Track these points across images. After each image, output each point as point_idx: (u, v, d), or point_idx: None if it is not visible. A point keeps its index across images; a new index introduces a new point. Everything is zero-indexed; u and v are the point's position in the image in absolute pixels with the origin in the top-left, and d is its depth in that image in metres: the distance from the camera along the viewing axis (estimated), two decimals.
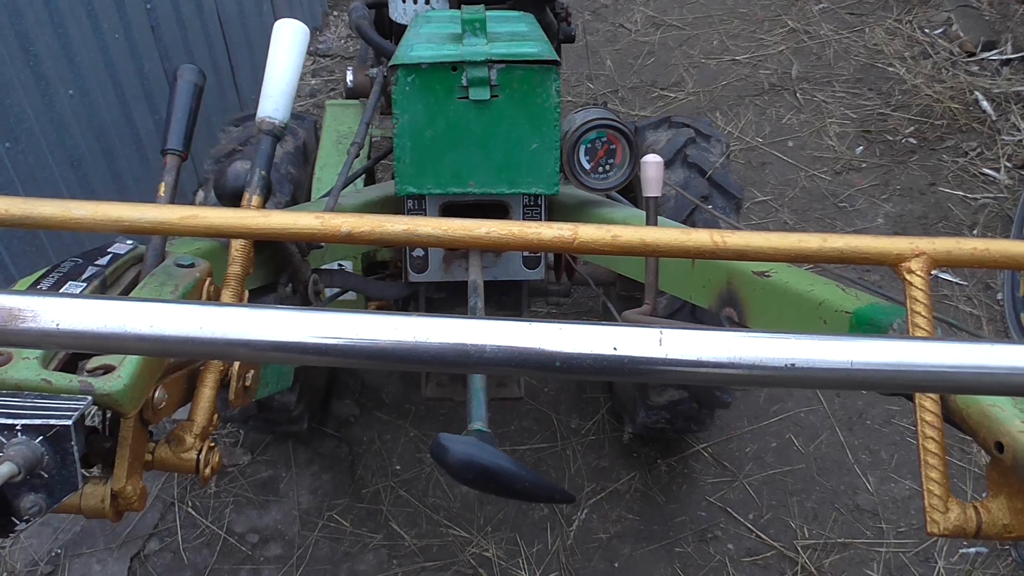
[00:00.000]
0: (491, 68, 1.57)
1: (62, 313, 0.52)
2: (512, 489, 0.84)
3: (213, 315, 0.53)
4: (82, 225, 0.74)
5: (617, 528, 2.69)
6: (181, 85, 1.27)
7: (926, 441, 0.74)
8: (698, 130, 2.34)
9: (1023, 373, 0.52)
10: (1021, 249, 0.77)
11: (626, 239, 0.74)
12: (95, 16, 2.98)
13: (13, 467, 0.57)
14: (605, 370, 0.53)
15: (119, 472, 0.74)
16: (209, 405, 0.90)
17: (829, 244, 0.76)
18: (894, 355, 0.54)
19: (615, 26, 5.27)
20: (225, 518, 2.69)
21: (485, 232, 0.74)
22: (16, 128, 2.65)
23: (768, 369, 0.53)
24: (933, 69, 4.65)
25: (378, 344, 0.52)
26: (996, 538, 0.73)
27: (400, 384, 3.09)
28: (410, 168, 1.65)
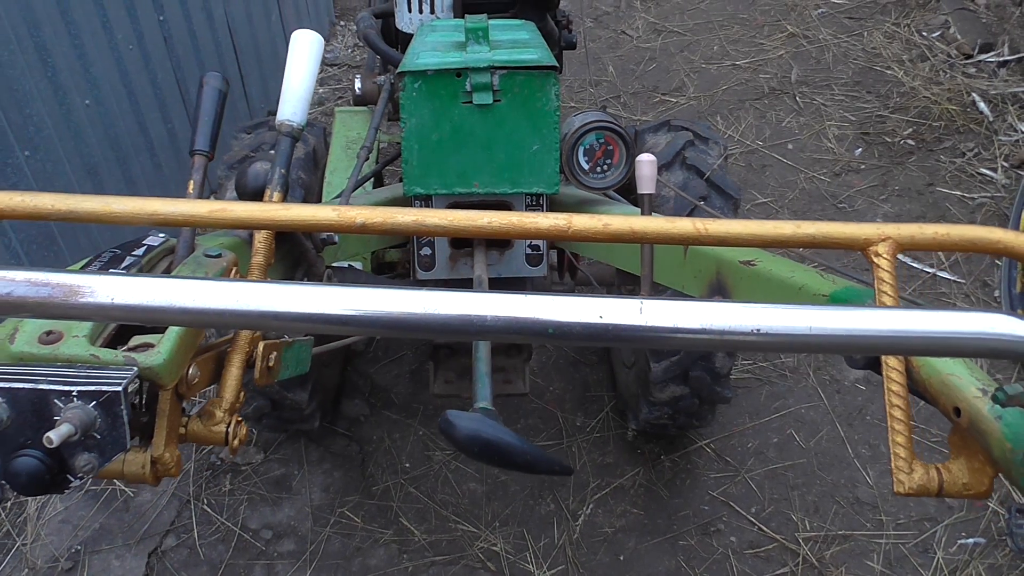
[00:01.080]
0: (493, 74, 1.64)
1: (116, 289, 0.59)
2: (515, 462, 0.91)
3: (247, 291, 0.60)
4: (121, 219, 0.81)
5: (622, 522, 2.75)
6: (207, 91, 1.35)
7: (892, 409, 0.81)
8: (696, 133, 2.40)
9: (952, 336, 0.59)
10: (978, 233, 0.84)
11: (616, 227, 0.81)
12: (110, 28, 3.07)
13: (71, 428, 0.64)
14: (592, 336, 0.60)
15: (158, 440, 0.81)
16: (236, 383, 0.97)
17: (802, 230, 0.83)
18: (846, 322, 0.61)
19: (617, 33, 5.35)
20: (240, 515, 2.76)
21: (487, 222, 0.81)
22: (35, 137, 2.74)
23: (737, 334, 0.60)
24: (931, 71, 4.72)
25: (393, 315, 0.60)
26: (956, 496, 0.80)
27: (409, 384, 3.16)
28: (417, 170, 1.73)
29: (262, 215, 0.82)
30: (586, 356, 3.26)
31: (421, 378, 3.18)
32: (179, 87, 3.58)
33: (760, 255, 1.39)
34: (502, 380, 2.25)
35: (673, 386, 2.48)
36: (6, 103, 2.60)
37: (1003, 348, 0.64)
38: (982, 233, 0.84)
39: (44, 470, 0.66)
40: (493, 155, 1.70)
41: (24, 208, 0.81)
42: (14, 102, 2.64)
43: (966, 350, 0.65)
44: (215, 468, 2.89)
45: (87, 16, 2.95)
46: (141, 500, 2.80)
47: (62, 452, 0.66)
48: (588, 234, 0.81)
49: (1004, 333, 0.64)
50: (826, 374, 3.17)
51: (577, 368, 3.22)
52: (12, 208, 0.81)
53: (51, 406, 0.66)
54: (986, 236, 0.84)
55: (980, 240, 0.84)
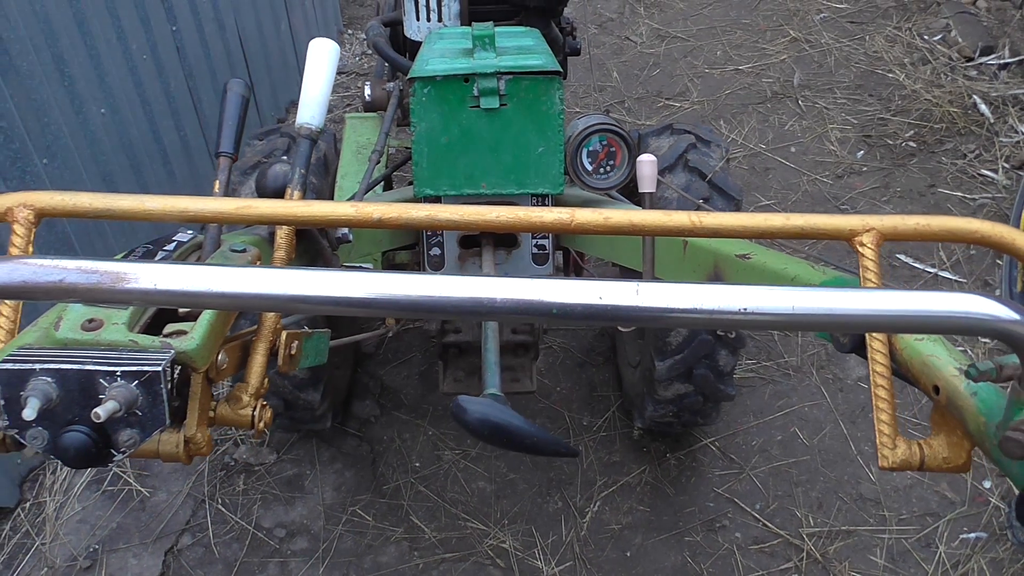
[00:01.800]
0: (500, 79, 1.70)
1: (159, 276, 0.65)
2: (522, 443, 0.97)
3: (276, 277, 0.66)
4: (154, 216, 0.87)
5: (629, 519, 2.80)
6: (230, 97, 1.42)
7: (877, 389, 0.86)
8: (698, 136, 2.45)
9: (926, 314, 0.65)
10: (956, 223, 0.89)
11: (616, 220, 0.87)
12: (124, 38, 3.14)
13: (116, 404, 0.70)
14: (592, 315, 0.66)
15: (190, 421, 0.87)
16: (261, 370, 1.03)
17: (791, 222, 0.89)
18: (826, 302, 0.66)
19: (621, 39, 5.41)
20: (253, 514, 2.82)
21: (495, 216, 0.86)
22: (53, 145, 2.80)
23: (725, 314, 0.66)
24: (932, 74, 4.76)
25: (411, 298, 0.65)
26: (937, 470, 0.85)
27: (418, 385, 3.22)
28: (427, 171, 1.79)
29: (285, 211, 0.87)
30: (592, 357, 3.31)
31: (430, 379, 3.23)
32: (191, 96, 3.65)
33: (755, 249, 1.45)
34: (510, 379, 2.31)
35: (678, 384, 2.53)
36: (25, 112, 2.67)
37: (974, 326, 0.70)
38: (960, 223, 0.90)
39: (91, 444, 0.72)
40: (500, 157, 1.76)
41: (64, 206, 0.87)
42: (33, 111, 2.70)
43: (939, 327, 0.70)
44: (229, 468, 2.95)
45: (103, 27, 3.02)
46: (157, 500, 2.86)
47: (106, 428, 0.72)
48: (590, 227, 0.87)
49: (975, 312, 0.69)
50: (829, 373, 3.21)
51: (584, 368, 3.27)
52: (53, 206, 0.87)
53: (97, 385, 0.72)
54: (964, 226, 0.89)
55: (958, 230, 0.89)
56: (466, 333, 2.26)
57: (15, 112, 2.62)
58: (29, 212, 0.87)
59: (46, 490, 2.87)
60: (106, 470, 2.93)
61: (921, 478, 2.87)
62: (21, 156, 2.67)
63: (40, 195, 0.88)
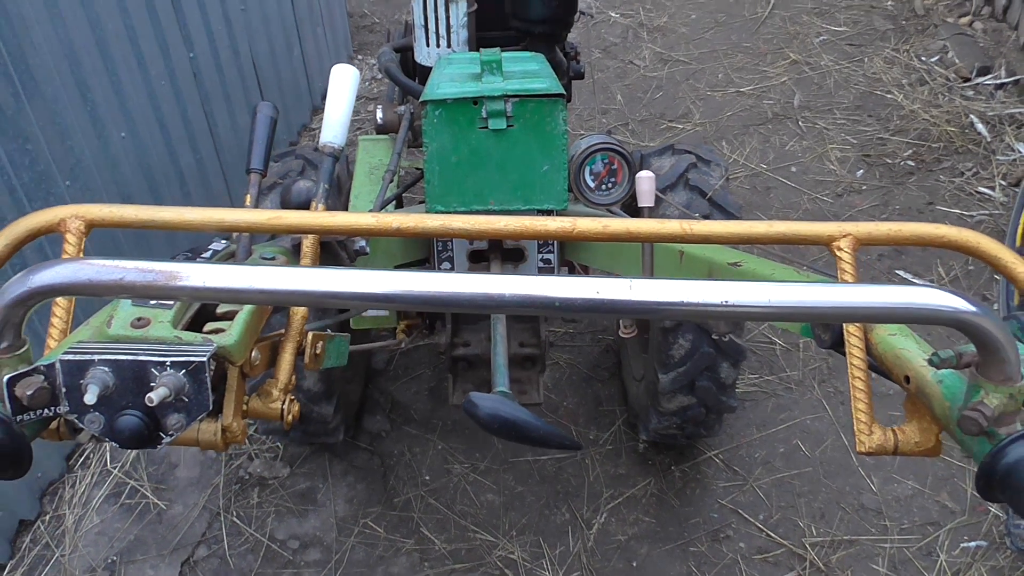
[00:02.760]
0: (507, 102, 1.80)
1: (207, 275, 0.73)
2: (529, 436, 1.04)
3: (311, 275, 0.74)
4: (193, 226, 0.96)
5: (634, 530, 2.86)
6: (260, 118, 1.52)
7: (854, 381, 0.94)
8: (699, 156, 2.54)
9: (888, 306, 0.73)
10: (926, 229, 0.97)
11: (614, 228, 0.96)
12: (144, 65, 3.26)
13: (166, 390, 0.78)
14: (591, 308, 0.74)
15: (227, 411, 0.94)
16: (289, 367, 1.11)
17: (775, 229, 0.97)
18: (798, 295, 0.74)
19: (624, 63, 5.52)
20: (268, 526, 2.89)
21: (503, 225, 0.95)
22: (75, 167, 2.91)
23: (710, 306, 0.74)
24: (930, 95, 4.86)
25: (429, 293, 0.73)
26: (910, 453, 0.92)
27: (428, 400, 3.30)
28: (439, 189, 1.88)
29: (312, 221, 0.96)
30: (598, 372, 3.39)
31: (439, 395, 3.31)
32: (207, 119, 3.76)
33: (746, 258, 1.54)
34: (517, 391, 2.38)
35: (681, 396, 2.60)
36: (50, 136, 2.77)
37: (936, 316, 0.78)
38: (929, 229, 0.98)
39: (143, 427, 0.80)
40: (507, 175, 1.85)
41: (112, 217, 0.96)
42: (57, 135, 2.81)
43: (905, 318, 0.79)
44: (244, 482, 3.02)
45: (124, 54, 3.13)
46: (174, 512, 2.94)
47: (156, 413, 0.81)
48: (590, 234, 0.95)
49: (938, 305, 0.77)
50: (830, 386, 3.28)
51: (590, 383, 3.35)
52: (102, 217, 0.95)
53: (148, 374, 0.80)
54: (933, 231, 0.98)
55: (928, 235, 0.98)
56: (475, 347, 2.34)
57: (40, 135, 2.72)
58: (80, 223, 0.96)
59: (65, 503, 2.95)
60: (124, 484, 3.01)
61: (922, 488, 2.93)
62: (45, 178, 2.77)
63: (90, 207, 0.97)
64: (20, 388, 0.79)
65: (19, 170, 2.66)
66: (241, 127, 4.08)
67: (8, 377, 0.79)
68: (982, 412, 0.79)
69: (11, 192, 2.63)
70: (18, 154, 2.65)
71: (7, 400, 0.79)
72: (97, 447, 3.14)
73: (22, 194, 2.67)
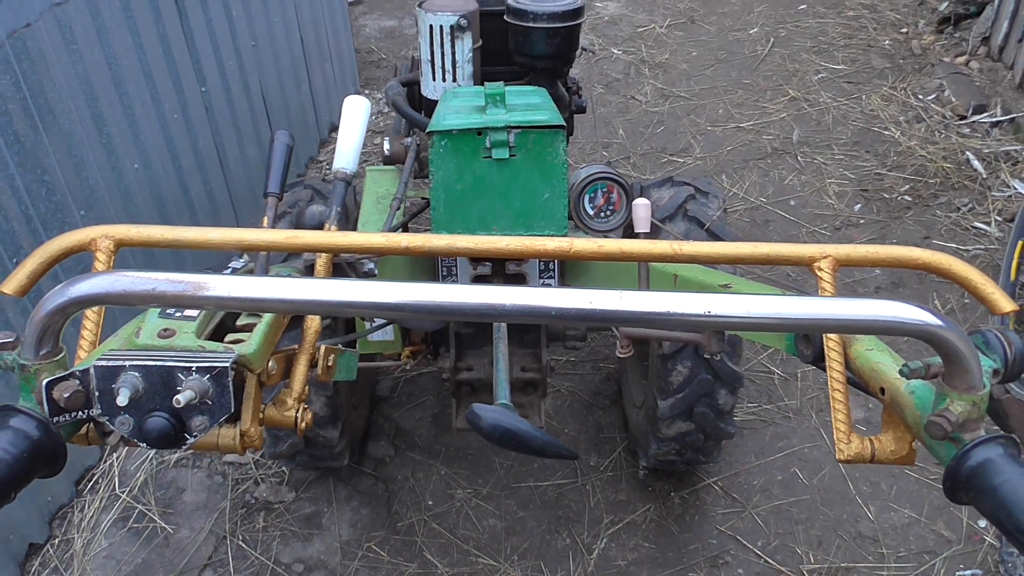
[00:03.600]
0: (509, 133, 1.88)
1: (231, 286, 0.80)
2: (529, 446, 1.10)
3: (326, 286, 0.81)
4: (214, 245, 1.03)
5: (634, 555, 2.90)
6: (277, 145, 1.61)
7: (834, 393, 1.00)
8: (697, 188, 2.61)
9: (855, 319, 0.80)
10: (901, 252, 1.04)
11: (608, 248, 1.02)
12: (158, 98, 3.35)
13: (192, 394, 0.85)
14: (584, 317, 0.80)
15: (245, 416, 1.00)
16: (303, 378, 1.17)
17: (759, 250, 1.04)
18: (775, 308, 0.81)
19: (626, 98, 5.63)
20: (273, 550, 2.93)
21: (505, 245, 1.02)
22: (90, 198, 2.99)
23: (692, 316, 0.80)
24: (927, 132, 4.95)
25: (436, 303, 0.80)
26: (885, 461, 0.98)
27: (431, 427, 3.35)
28: (444, 215, 1.96)
29: (327, 240, 1.03)
30: (599, 400, 3.44)
31: (443, 422, 3.36)
32: (217, 152, 3.86)
33: (736, 280, 1.60)
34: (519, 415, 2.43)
35: (679, 422, 2.65)
36: (66, 167, 2.86)
37: (905, 329, 0.84)
38: (904, 252, 1.05)
39: (170, 428, 0.86)
40: (509, 203, 1.93)
41: (139, 237, 1.03)
42: (73, 166, 2.89)
43: (875, 329, 0.85)
44: (250, 506, 3.07)
45: (138, 89, 3.23)
46: (180, 536, 2.98)
47: (182, 415, 0.87)
48: (586, 254, 1.02)
49: (906, 318, 0.84)
50: (828, 416, 3.30)
51: (591, 411, 3.40)
52: (130, 237, 1.02)
53: (175, 379, 0.87)
54: (907, 254, 1.04)
55: (902, 257, 1.04)
56: (478, 371, 2.40)
57: (57, 167, 2.81)
58: (110, 242, 1.03)
59: (74, 527, 2.99)
60: (132, 508, 3.06)
61: (918, 517, 2.96)
62: (61, 208, 2.85)
63: (119, 228, 1.04)
64: (58, 391, 0.86)
65: (36, 200, 2.74)
66: (250, 159, 4.17)
67: (47, 381, 0.86)
68: (947, 418, 0.85)
69: (28, 221, 2.71)
70: (36, 184, 2.73)
71: (45, 403, 0.86)
72: (106, 472, 3.19)
73: (38, 223, 2.75)
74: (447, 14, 2.37)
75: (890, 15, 6.45)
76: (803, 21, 6.51)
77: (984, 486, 0.82)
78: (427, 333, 2.53)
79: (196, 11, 3.60)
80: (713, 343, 1.30)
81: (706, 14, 6.76)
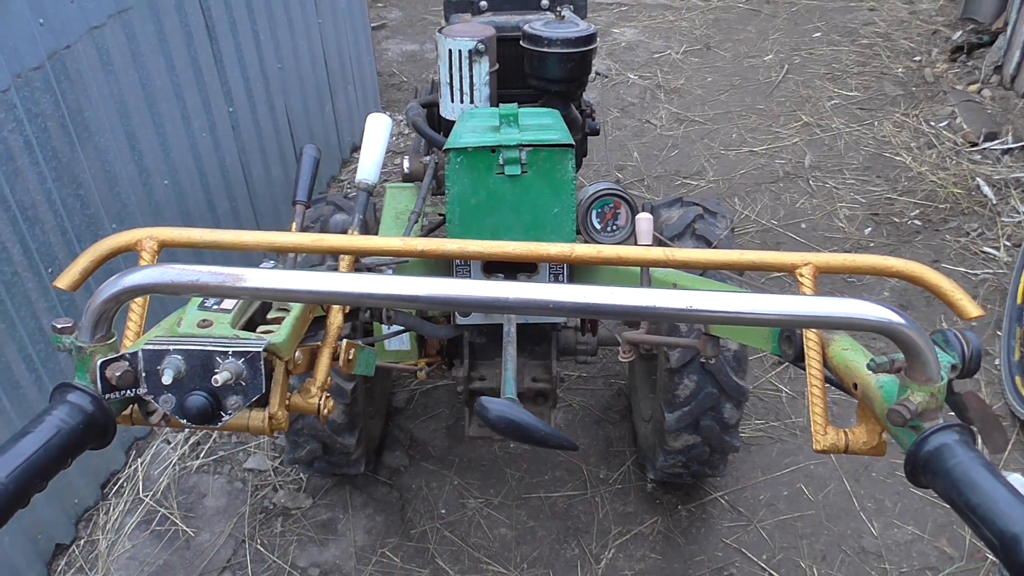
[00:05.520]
0: (521, 150, 1.98)
1: (266, 279, 0.90)
2: (532, 436, 1.19)
3: (350, 279, 0.91)
4: (249, 246, 1.13)
5: (641, 566, 2.97)
6: (305, 158, 1.73)
7: (812, 388, 1.09)
8: (705, 208, 2.71)
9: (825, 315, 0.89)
10: (878, 261, 1.13)
11: (606, 253, 1.12)
12: (188, 118, 3.49)
13: (229, 374, 0.95)
14: (579, 310, 0.90)
15: (274, 401, 1.10)
16: (326, 368, 1.27)
17: (745, 257, 1.13)
18: (752, 305, 0.90)
19: (642, 122, 5.74)
20: (290, 554, 3.02)
21: (512, 249, 1.12)
22: (122, 212, 3.12)
23: (675, 310, 0.90)
24: (937, 158, 5.02)
25: (448, 295, 0.90)
26: (858, 452, 1.07)
27: (445, 438, 3.44)
28: (459, 228, 2.06)
29: (350, 243, 1.13)
30: (609, 415, 3.52)
31: (456, 433, 3.45)
32: (243, 170, 3.99)
33: (732, 289, 1.69)
34: None
35: (686, 435, 2.73)
36: (100, 183, 2.99)
37: (870, 325, 0.93)
38: (880, 260, 1.14)
39: (208, 405, 0.97)
40: (521, 216, 2.03)
41: (181, 238, 1.13)
42: (107, 182, 3.03)
43: (843, 325, 0.94)
44: (268, 512, 3.16)
45: (169, 108, 3.37)
46: (201, 540, 3.08)
47: (219, 394, 0.97)
48: (586, 258, 1.12)
49: (871, 316, 0.93)
50: None
51: (601, 425, 3.48)
52: (173, 238, 1.13)
53: (213, 362, 0.97)
54: (883, 263, 1.13)
55: (879, 266, 1.13)
56: (490, 380, 2.49)
57: (92, 182, 2.94)
58: (154, 243, 1.14)
59: (99, 529, 3.10)
60: (155, 512, 3.16)
61: (921, 534, 3.02)
62: (95, 221, 2.98)
63: (162, 230, 1.15)
64: (110, 371, 0.96)
65: (72, 213, 2.87)
66: (275, 177, 4.30)
67: (101, 361, 0.96)
68: (906, 407, 0.93)
69: (63, 233, 2.84)
70: (71, 198, 2.86)
71: (99, 381, 0.96)
72: (131, 477, 3.30)
73: (73, 236, 2.88)
74: (466, 39, 2.49)
75: (904, 44, 6.54)
76: (817, 49, 6.62)
77: (939, 468, 0.90)
78: (441, 345, 2.63)
79: (226, 35, 3.75)
80: (708, 348, 1.38)
81: (722, 41, 6.88)
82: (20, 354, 2.70)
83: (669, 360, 2.58)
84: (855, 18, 7.15)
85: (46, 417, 0.91)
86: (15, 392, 2.69)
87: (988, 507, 0.84)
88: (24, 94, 2.61)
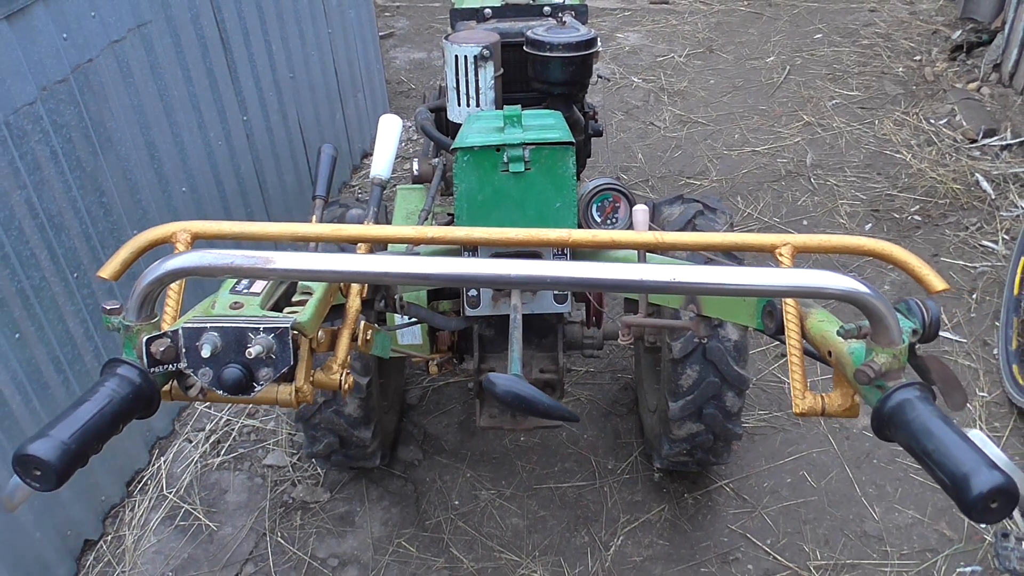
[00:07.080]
0: (525, 149, 2.09)
1: (294, 260, 1.01)
2: (537, 409, 1.29)
3: (369, 259, 1.02)
4: (273, 236, 1.24)
5: (649, 552, 3.06)
6: (324, 156, 1.86)
7: (792, 357, 1.19)
8: (705, 204, 2.80)
9: (796, 286, 0.99)
10: (850, 240, 1.23)
11: (601, 238, 1.22)
12: (204, 127, 3.62)
13: (260, 348, 1.06)
14: (572, 284, 1.00)
15: (299, 375, 1.21)
16: (346, 346, 1.38)
17: (729, 239, 1.23)
18: (731, 277, 1.00)
19: (646, 124, 5.85)
20: (309, 546, 3.13)
21: (514, 235, 1.22)
22: (143, 219, 3.24)
23: (662, 283, 1.00)
24: (937, 155, 5.11)
25: (457, 272, 1.00)
26: (834, 414, 1.17)
27: (457, 432, 3.54)
28: (466, 222, 2.17)
29: (366, 232, 1.24)
30: (616, 408, 3.62)
31: (469, 428, 3.56)
32: (257, 177, 4.11)
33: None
34: None
35: (690, 423, 2.83)
36: (122, 190, 3.11)
37: (836, 294, 1.04)
38: (853, 240, 1.24)
39: (242, 377, 1.08)
40: (525, 212, 2.14)
41: (212, 231, 1.24)
42: (128, 189, 3.15)
43: (811, 294, 1.04)
44: (288, 506, 3.27)
45: (187, 118, 3.49)
46: (223, 533, 3.19)
47: (252, 366, 1.08)
48: (583, 242, 1.22)
49: (837, 285, 1.03)
50: (836, 422, 3.48)
51: (608, 418, 3.58)
52: (204, 231, 1.24)
53: (246, 338, 1.08)
54: (855, 242, 1.23)
55: (852, 245, 1.23)
56: (500, 372, 2.59)
57: (114, 189, 3.06)
58: (187, 234, 1.25)
59: (125, 524, 3.21)
60: (178, 507, 3.27)
61: (921, 517, 3.10)
62: (117, 227, 3.10)
63: (195, 223, 1.27)
64: (154, 347, 1.07)
65: (95, 220, 2.99)
66: (288, 184, 4.42)
67: (146, 338, 1.08)
68: (871, 367, 1.04)
69: (87, 239, 2.96)
70: (95, 206, 2.98)
71: (144, 356, 1.08)
72: (155, 475, 3.41)
73: (96, 242, 2.99)
74: (471, 45, 2.60)
75: (904, 44, 6.63)
76: (818, 50, 6.71)
77: (901, 421, 1.00)
78: (452, 339, 2.74)
79: (240, 47, 3.87)
80: (701, 328, 1.48)
81: (724, 44, 6.99)
82: (48, 356, 2.82)
83: (672, 351, 2.67)
84: (856, 19, 7.25)
85: (100, 388, 1.02)
86: (44, 392, 2.81)
87: (942, 452, 0.93)
88: (49, 106, 2.73)
